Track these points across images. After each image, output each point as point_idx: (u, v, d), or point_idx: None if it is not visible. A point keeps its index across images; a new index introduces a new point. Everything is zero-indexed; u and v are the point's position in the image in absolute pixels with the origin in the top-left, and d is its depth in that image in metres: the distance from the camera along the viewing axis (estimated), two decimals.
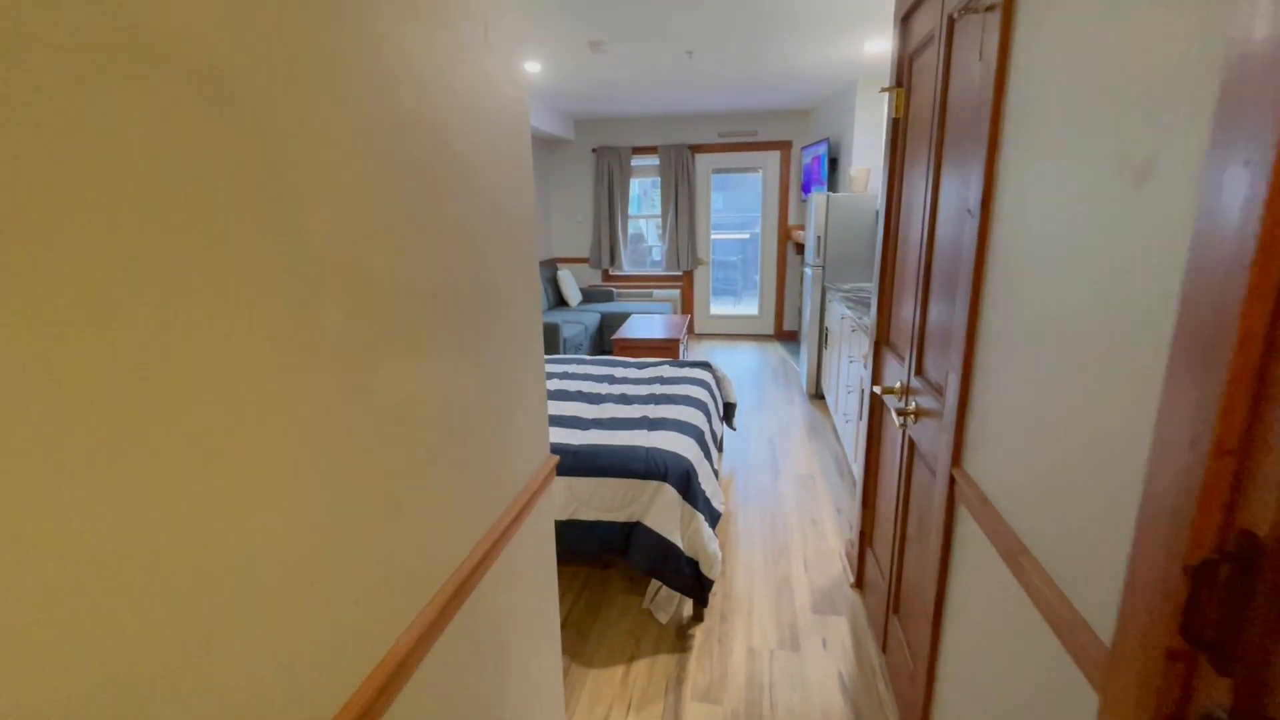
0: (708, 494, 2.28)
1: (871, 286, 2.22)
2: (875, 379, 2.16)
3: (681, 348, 4.75)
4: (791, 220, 6.68)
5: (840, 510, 2.99)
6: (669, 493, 2.12)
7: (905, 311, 1.87)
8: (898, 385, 1.86)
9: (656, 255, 7.51)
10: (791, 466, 3.49)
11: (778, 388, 5.03)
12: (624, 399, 2.85)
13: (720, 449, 3.36)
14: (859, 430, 3.07)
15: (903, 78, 1.95)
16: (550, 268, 6.68)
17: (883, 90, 1.99)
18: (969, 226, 1.27)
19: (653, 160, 6.79)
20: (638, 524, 2.12)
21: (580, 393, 2.92)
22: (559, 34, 3.45)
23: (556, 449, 2.27)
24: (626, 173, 6.71)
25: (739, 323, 7.13)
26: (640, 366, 3.41)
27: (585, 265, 7.15)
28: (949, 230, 1.46)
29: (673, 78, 4.61)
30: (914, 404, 1.70)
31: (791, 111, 6.39)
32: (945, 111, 1.53)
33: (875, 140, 4.65)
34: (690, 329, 6.99)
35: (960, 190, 1.37)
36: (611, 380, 3.17)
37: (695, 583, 2.10)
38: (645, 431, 2.43)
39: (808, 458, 3.61)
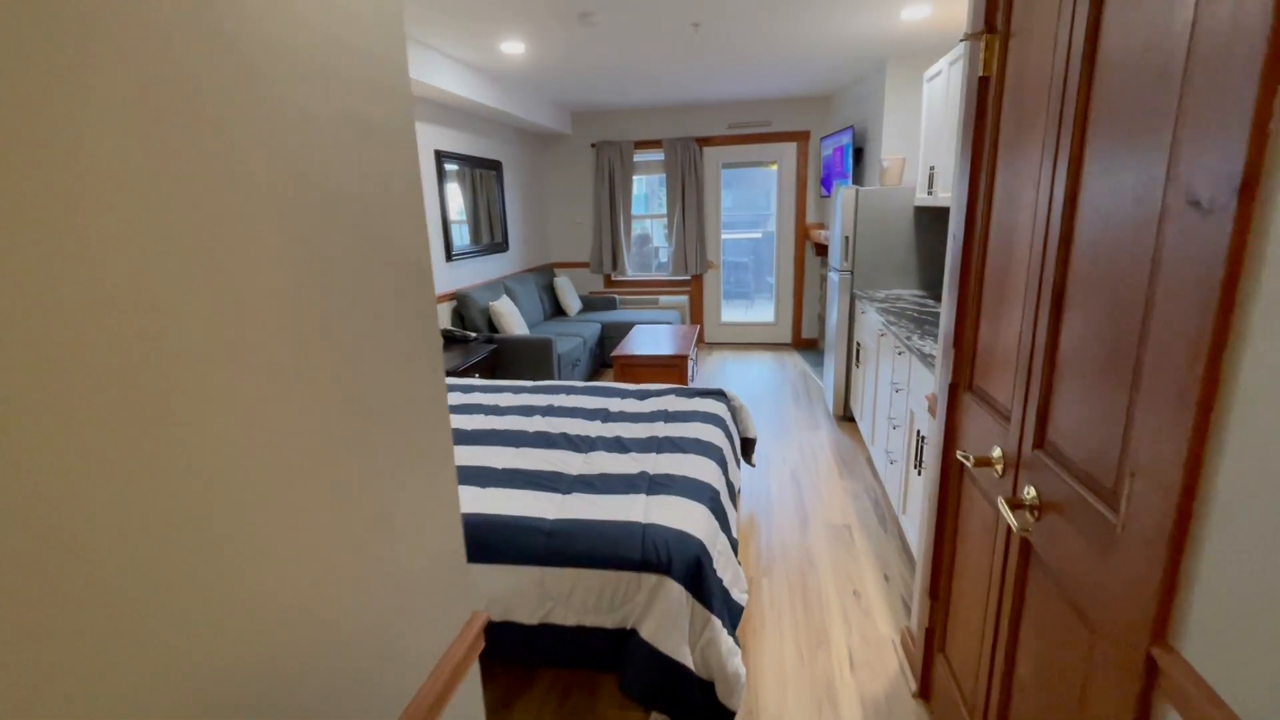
0: (726, 583, 1.74)
1: (944, 308, 1.66)
2: (951, 437, 1.60)
3: (691, 364, 4.21)
4: (810, 218, 6.10)
5: (888, 576, 2.43)
6: (674, 590, 1.58)
7: (1005, 346, 1.32)
8: (996, 454, 1.31)
9: (663, 257, 6.97)
10: (822, 512, 2.94)
11: (799, 408, 4.47)
12: (619, 444, 2.30)
13: (739, 493, 2.81)
14: (908, 475, 2.51)
15: (994, 19, 1.39)
16: (547, 274, 6.15)
17: (964, 38, 1.43)
18: (1189, 226, 0.73)
19: (657, 155, 6.24)
20: (633, 633, 1.58)
21: (565, 436, 2.38)
22: (543, 4, 2.91)
23: (526, 525, 1.74)
24: (629, 169, 6.17)
25: (753, 331, 6.56)
26: (641, 396, 2.87)
27: (585, 270, 6.62)
28: (1114, 234, 0.91)
29: (677, 59, 4.05)
30: (1031, 491, 1.15)
31: (810, 98, 5.82)
32: (1094, 60, 0.98)
33: (911, 126, 4.08)
34: (700, 339, 6.44)
35: (1145, 174, 0.83)
36: (605, 416, 2.63)
37: (709, 715, 1.55)
38: (644, 497, 1.88)
39: (841, 501, 3.04)
